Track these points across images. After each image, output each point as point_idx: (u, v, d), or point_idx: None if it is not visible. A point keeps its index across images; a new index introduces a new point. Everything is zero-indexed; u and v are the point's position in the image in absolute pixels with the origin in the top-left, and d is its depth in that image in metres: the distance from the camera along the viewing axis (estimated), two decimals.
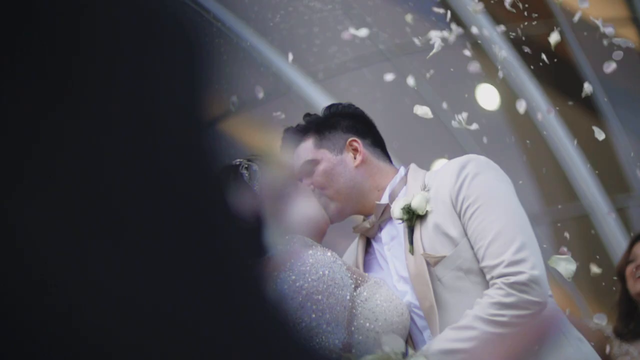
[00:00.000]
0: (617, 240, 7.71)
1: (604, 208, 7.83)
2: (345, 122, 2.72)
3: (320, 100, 7.32)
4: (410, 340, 2.56)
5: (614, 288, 4.13)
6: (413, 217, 2.57)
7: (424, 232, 2.56)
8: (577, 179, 7.81)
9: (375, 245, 2.69)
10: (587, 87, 2.63)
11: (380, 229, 2.68)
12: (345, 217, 2.72)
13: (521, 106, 2.53)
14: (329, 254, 2.43)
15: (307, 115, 2.77)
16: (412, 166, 2.70)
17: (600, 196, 7.82)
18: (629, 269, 3.96)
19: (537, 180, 8.07)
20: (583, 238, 7.59)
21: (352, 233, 2.76)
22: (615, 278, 4.09)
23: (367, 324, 2.43)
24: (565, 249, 3.15)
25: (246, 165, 2.58)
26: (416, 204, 2.57)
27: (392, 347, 2.36)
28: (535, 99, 7.10)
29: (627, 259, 4.00)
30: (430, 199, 2.57)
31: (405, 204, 2.57)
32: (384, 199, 2.67)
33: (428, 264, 2.53)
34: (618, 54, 2.46)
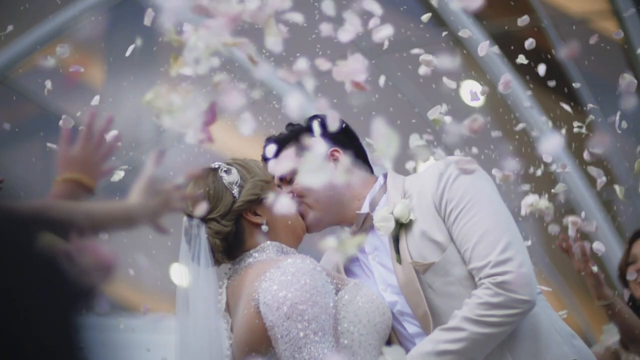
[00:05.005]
0: (604, 233, 7.71)
1: (589, 201, 7.83)
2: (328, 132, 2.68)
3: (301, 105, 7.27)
4: (400, 346, 2.55)
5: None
6: (397, 226, 2.55)
7: (410, 240, 2.53)
8: (562, 173, 7.81)
9: (357, 254, 2.67)
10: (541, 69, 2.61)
11: None
12: (324, 227, 2.69)
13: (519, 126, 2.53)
14: (307, 261, 2.41)
15: (290, 124, 2.74)
16: (390, 172, 2.67)
17: (585, 190, 7.81)
18: (630, 271, 3.88)
19: (522, 176, 8.06)
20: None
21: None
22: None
23: (352, 327, 2.42)
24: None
25: (225, 169, 2.56)
26: (399, 212, 2.54)
27: (393, 357, 2.33)
28: (519, 97, 7.10)
29: (627, 260, 3.91)
30: (413, 206, 2.55)
31: (388, 214, 2.56)
32: (364, 209, 2.64)
33: (417, 271, 2.51)
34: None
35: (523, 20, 2.80)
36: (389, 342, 2.52)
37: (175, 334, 2.49)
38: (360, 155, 2.74)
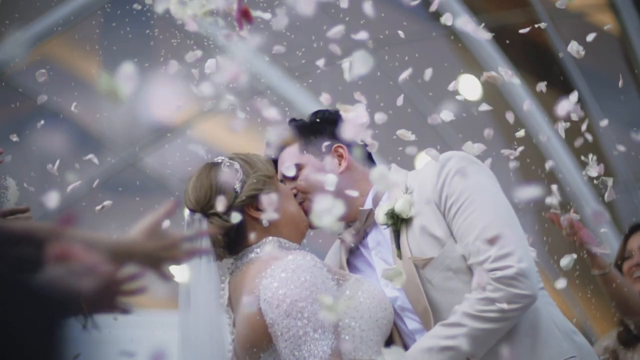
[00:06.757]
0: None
1: (587, 195, 7.84)
2: (331, 127, 2.67)
3: (300, 99, 7.27)
4: (401, 342, 2.55)
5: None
6: (398, 221, 2.54)
7: (410, 236, 2.53)
8: (559, 166, 7.82)
9: (362, 250, 2.66)
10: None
11: (365, 234, 2.65)
12: None
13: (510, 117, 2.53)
14: (308, 257, 2.41)
15: (293, 120, 2.73)
16: (393, 168, 2.66)
17: (582, 183, 7.82)
18: (626, 267, 3.85)
19: (520, 169, 8.07)
20: None
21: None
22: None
23: (353, 323, 2.42)
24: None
25: (228, 163, 2.55)
26: (399, 207, 2.54)
27: (392, 358, 2.34)
28: (517, 91, 7.10)
29: (623, 255, 3.90)
30: (413, 201, 2.55)
31: (389, 209, 2.55)
32: (367, 204, 2.63)
33: (417, 267, 2.51)
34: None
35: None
36: (389, 339, 2.52)
37: (177, 328, 2.49)
38: (364, 151, 2.74)
